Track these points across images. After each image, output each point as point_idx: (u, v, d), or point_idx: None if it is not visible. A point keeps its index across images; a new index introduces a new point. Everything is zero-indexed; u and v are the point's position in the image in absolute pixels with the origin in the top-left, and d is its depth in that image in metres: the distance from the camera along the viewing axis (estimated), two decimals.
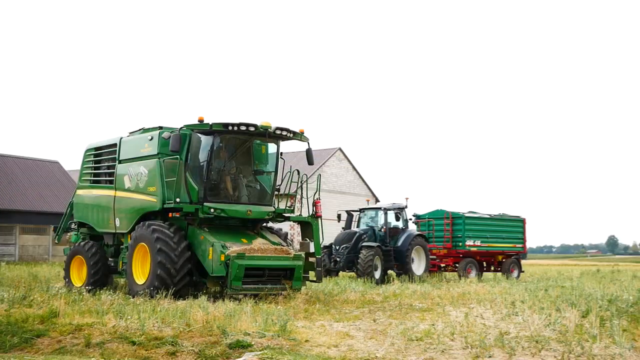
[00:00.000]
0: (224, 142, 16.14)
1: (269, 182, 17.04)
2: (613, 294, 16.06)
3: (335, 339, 10.13)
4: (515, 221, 32.70)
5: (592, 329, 10.52)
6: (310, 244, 16.80)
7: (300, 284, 16.02)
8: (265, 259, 15.27)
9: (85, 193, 19.17)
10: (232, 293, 14.88)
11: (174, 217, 15.79)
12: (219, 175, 16.15)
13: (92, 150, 19.32)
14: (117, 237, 17.93)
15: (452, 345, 9.58)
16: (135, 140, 17.42)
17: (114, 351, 9.25)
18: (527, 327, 11.04)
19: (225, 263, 14.67)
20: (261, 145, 17.00)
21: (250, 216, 16.25)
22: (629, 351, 8.77)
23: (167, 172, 15.98)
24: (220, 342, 9.27)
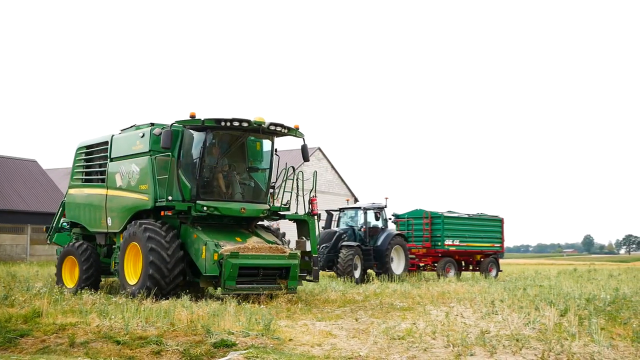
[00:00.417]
0: (217, 139, 15.85)
1: (263, 180, 16.75)
2: (590, 293, 16.30)
3: (318, 338, 10.22)
4: (494, 221, 32.97)
5: (571, 327, 10.68)
6: (306, 242, 16.48)
7: (296, 284, 15.64)
8: (260, 258, 14.96)
9: (77, 192, 18.85)
10: (226, 293, 14.60)
11: (166, 215, 15.56)
12: (211, 172, 15.86)
13: (84, 148, 19.02)
14: (110, 236, 17.66)
15: (434, 344, 9.71)
16: (126, 138, 17.12)
17: (99, 351, 9.27)
18: (507, 326, 11.22)
19: (219, 262, 14.37)
20: (255, 141, 16.65)
21: (244, 214, 15.88)
22: (607, 349, 8.93)
23: (159, 170, 15.70)
24: (205, 342, 9.33)
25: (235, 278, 14.46)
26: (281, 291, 15.24)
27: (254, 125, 15.36)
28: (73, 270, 17.98)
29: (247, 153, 16.57)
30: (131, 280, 15.30)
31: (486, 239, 31.95)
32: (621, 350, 9.10)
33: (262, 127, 15.47)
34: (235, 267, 14.37)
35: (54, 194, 51.42)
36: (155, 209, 15.71)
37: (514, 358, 8.69)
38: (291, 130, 16.10)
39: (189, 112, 15.20)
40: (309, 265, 16.26)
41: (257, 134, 16.11)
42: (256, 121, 15.33)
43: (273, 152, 16.64)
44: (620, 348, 9.26)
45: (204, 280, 15.06)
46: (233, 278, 14.40)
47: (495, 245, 32.38)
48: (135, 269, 15.33)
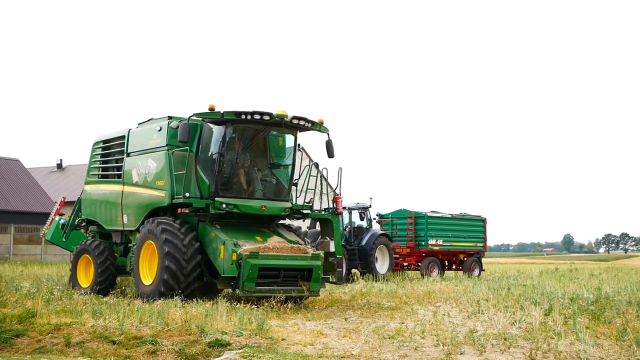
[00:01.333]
0: (237, 133, 15.10)
1: (285, 176, 15.99)
2: (574, 293, 16.59)
3: (310, 337, 10.41)
4: (476, 221, 33.28)
5: (556, 326, 10.95)
6: (330, 242, 15.61)
7: (319, 286, 14.77)
8: (281, 259, 14.17)
9: (93, 188, 18.32)
10: (245, 295, 13.99)
11: (184, 213, 15.00)
12: (231, 168, 15.12)
13: (100, 142, 18.46)
14: (126, 235, 17.14)
15: (424, 343, 9.93)
16: (143, 132, 16.52)
17: (95, 350, 9.38)
18: (493, 325, 11.46)
19: (237, 262, 13.68)
20: (278, 136, 15.87)
21: (265, 212, 15.17)
22: (593, 348, 9.18)
23: (176, 165, 15.09)
24: (200, 341, 9.47)
25: (255, 279, 13.73)
26: (303, 294, 14.66)
27: (276, 119, 14.66)
28: (88, 269, 17.52)
29: (269, 148, 15.86)
30: (146, 281, 14.80)
31: (469, 239, 32.26)
32: (606, 349, 9.36)
33: (284, 120, 14.79)
34: (255, 268, 13.66)
35: (37, 193, 51.26)
36: (172, 206, 15.17)
37: (502, 356, 8.91)
38: (315, 124, 15.42)
39: (208, 105, 14.55)
40: (332, 266, 15.55)
41: (279, 128, 15.32)
42: (278, 114, 14.65)
43: (296, 148, 15.91)
44: (605, 347, 9.51)
45: (221, 281, 14.41)
46: (252, 279, 13.68)
47: (478, 245, 32.70)
48: (151, 269, 14.82)
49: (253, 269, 13.60)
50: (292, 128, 15.38)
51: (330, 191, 16.05)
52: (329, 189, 15.98)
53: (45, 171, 70.15)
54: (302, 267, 14.51)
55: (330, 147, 15.85)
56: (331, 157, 15.94)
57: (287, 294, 14.27)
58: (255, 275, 13.68)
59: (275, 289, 14.09)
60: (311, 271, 14.53)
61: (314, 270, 14.53)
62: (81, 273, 17.74)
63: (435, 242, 30.58)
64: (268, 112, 14.50)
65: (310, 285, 14.54)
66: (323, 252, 15.04)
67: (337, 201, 15.95)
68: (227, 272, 13.89)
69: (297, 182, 16.11)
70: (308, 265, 14.51)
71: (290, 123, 14.89)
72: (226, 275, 13.96)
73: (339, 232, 15.82)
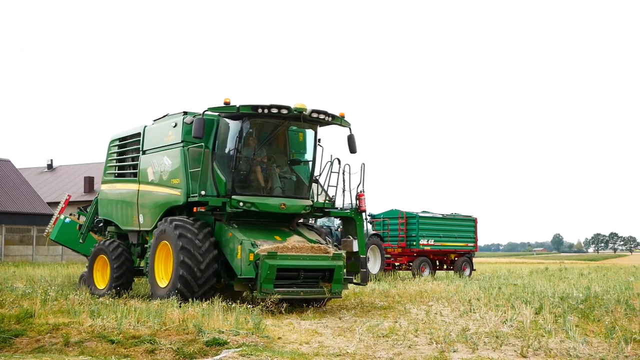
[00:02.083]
0: (255, 128, 14.55)
1: (306, 173, 15.35)
2: (564, 292, 16.83)
3: (305, 336, 10.60)
4: (467, 221, 33.49)
5: (547, 324, 11.16)
6: (353, 241, 15.10)
7: (341, 287, 14.14)
8: (301, 259, 13.60)
9: (109, 188, 18.02)
10: (263, 297, 13.23)
11: (199, 212, 14.52)
12: (249, 164, 14.60)
13: (116, 140, 18.14)
14: (142, 235, 16.77)
15: (418, 341, 10.13)
16: (159, 128, 16.13)
17: (94, 350, 9.50)
18: (485, 324, 11.70)
19: (255, 263, 13.16)
20: (297, 131, 15.31)
21: (284, 210, 14.59)
22: (582, 345, 9.40)
23: (191, 162, 14.61)
24: (197, 340, 9.60)
25: (273, 281, 13.18)
26: (324, 296, 14.11)
27: (295, 113, 14.15)
28: (104, 270, 17.20)
29: (288, 144, 15.34)
30: (161, 282, 14.40)
31: (460, 239, 32.47)
32: (595, 346, 9.58)
33: (303, 114, 14.25)
34: (273, 269, 13.11)
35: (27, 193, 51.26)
36: (188, 205, 14.71)
37: (495, 354, 9.11)
38: (336, 118, 14.88)
39: (223, 99, 14.07)
40: (355, 266, 15.05)
41: (298, 123, 14.77)
42: (297, 108, 14.11)
43: (316, 142, 15.23)
44: (595, 344, 9.73)
45: (238, 283, 13.78)
46: (270, 281, 13.13)
47: (469, 245, 32.91)
48: (166, 270, 14.39)
49: (271, 270, 13.10)
50: (312, 122, 14.86)
51: (353, 188, 15.42)
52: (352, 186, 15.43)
53: (36, 171, 70.15)
54: (323, 267, 13.89)
55: (352, 142, 15.36)
56: (353, 153, 15.42)
57: (307, 296, 13.90)
58: (274, 276, 13.17)
59: (295, 291, 13.60)
60: (333, 272, 13.92)
61: (336, 271, 13.92)
62: (97, 274, 17.48)
63: (427, 242, 30.77)
64: (286, 106, 14.04)
65: (332, 287, 13.93)
66: (345, 252, 14.55)
67: (361, 198, 15.37)
68: (245, 273, 13.42)
69: (318, 179, 15.57)
70: (329, 266, 13.90)
71: (310, 117, 14.43)
72: (243, 277, 13.47)
73: (362, 231, 15.33)
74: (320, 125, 15.08)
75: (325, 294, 13.96)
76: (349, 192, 15.41)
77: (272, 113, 14.06)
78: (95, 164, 68.00)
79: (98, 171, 65.08)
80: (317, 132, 15.16)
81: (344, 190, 15.41)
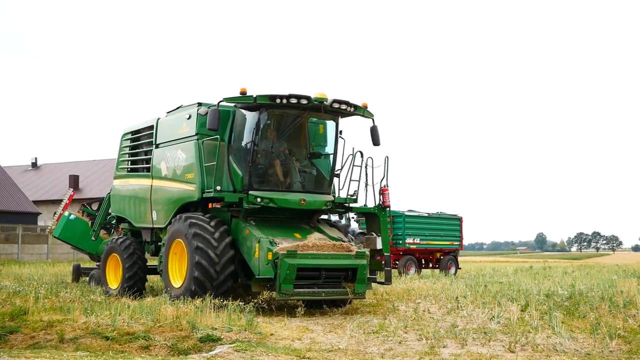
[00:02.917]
0: (273, 119, 13.88)
1: (326, 167, 14.66)
2: (549, 289, 17.12)
3: (297, 332, 10.78)
4: (453, 220, 33.75)
5: (533, 321, 11.42)
6: (377, 239, 14.28)
7: (364, 287, 13.44)
8: (322, 258, 12.90)
9: (122, 183, 17.47)
10: (282, 299, 12.81)
11: (215, 208, 13.89)
12: (267, 158, 13.95)
13: (129, 134, 17.56)
14: (156, 232, 16.18)
15: (407, 337, 10.34)
16: (172, 121, 15.52)
17: (89, 346, 9.61)
18: (472, 321, 11.95)
19: (274, 262, 12.48)
20: (318, 123, 14.69)
21: (304, 206, 13.90)
22: (568, 341, 9.65)
23: (206, 156, 13.98)
24: (191, 336, 9.73)
25: (293, 281, 12.51)
26: (347, 296, 13.41)
27: (315, 103, 13.43)
28: (117, 269, 16.60)
29: (308, 136, 14.61)
30: (176, 282, 13.86)
31: (446, 237, 32.71)
32: (581, 342, 9.82)
33: (324, 104, 13.53)
34: (293, 269, 12.42)
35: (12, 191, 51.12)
36: (203, 201, 14.10)
37: (484, 349, 9.32)
38: (358, 109, 14.14)
39: (240, 88, 13.35)
40: (379, 265, 14.39)
41: (319, 113, 14.03)
42: (317, 98, 13.40)
43: (338, 135, 14.52)
44: (580, 340, 9.98)
45: (256, 283, 13.04)
46: (290, 281, 12.46)
47: (455, 244, 33.17)
48: (181, 270, 13.81)
49: (291, 270, 12.41)
50: (333, 113, 14.13)
51: (376, 182, 14.69)
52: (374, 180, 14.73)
53: (20, 170, 69.88)
54: (345, 266, 13.21)
55: (375, 133, 14.63)
56: (376, 145, 14.70)
57: (328, 297, 13.30)
58: (294, 276, 12.49)
59: (316, 292, 12.94)
60: (356, 271, 13.21)
61: (359, 270, 13.21)
62: (110, 273, 16.96)
63: (413, 240, 31.01)
64: (306, 96, 13.33)
65: (355, 287, 13.22)
66: (369, 250, 13.80)
67: (384, 193, 14.61)
68: (263, 272, 12.77)
69: (340, 173, 14.86)
70: (352, 265, 13.20)
71: (331, 107, 13.71)
72: (261, 277, 12.81)
73: (386, 228, 14.56)
74: (342, 116, 14.43)
75: (348, 294, 13.27)
76: (371, 186, 14.75)
77: (291, 103, 13.37)
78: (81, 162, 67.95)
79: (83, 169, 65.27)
80: (339, 124, 14.47)
81: (367, 185, 14.78)
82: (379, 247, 14.25)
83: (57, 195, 60.42)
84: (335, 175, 14.76)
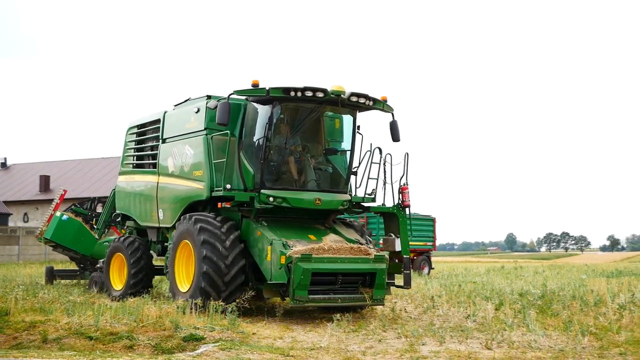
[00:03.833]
0: (287, 113, 13.14)
1: (343, 164, 13.90)
2: (522, 289, 17.51)
3: (278, 332, 10.98)
4: (426, 220, 34.07)
5: (507, 319, 11.74)
6: (395, 240, 13.48)
7: (383, 293, 12.73)
8: (338, 262, 12.19)
9: (127, 180, 16.76)
10: (296, 306, 12.07)
11: (225, 207, 13.22)
12: (280, 155, 13.17)
13: (135, 128, 16.85)
14: (162, 232, 15.55)
15: (387, 335, 10.61)
16: (180, 114, 14.80)
17: (72, 346, 9.68)
18: (449, 319, 12.29)
19: (287, 266, 11.75)
20: (334, 117, 13.97)
21: (319, 206, 13.10)
22: (542, 337, 9.99)
23: (216, 152, 13.27)
24: (175, 336, 9.85)
25: (307, 287, 11.80)
26: (365, 303, 12.69)
27: (332, 96, 12.65)
28: (122, 270, 15.92)
29: (324, 131, 13.87)
30: (182, 287, 13.16)
31: (419, 238, 32.96)
32: (554, 339, 10.18)
33: (341, 98, 12.76)
34: (307, 273, 11.70)
35: None
36: (212, 200, 13.38)
37: (462, 346, 9.60)
38: (377, 102, 13.33)
39: (251, 80, 12.64)
40: (398, 268, 13.43)
41: (336, 108, 13.27)
42: (334, 91, 12.63)
43: (355, 130, 13.76)
44: (554, 337, 10.34)
45: (268, 289, 12.45)
46: (304, 287, 11.73)
47: (428, 244, 33.50)
48: (188, 273, 13.15)
49: (305, 275, 11.70)
50: (351, 107, 13.41)
51: (395, 180, 13.84)
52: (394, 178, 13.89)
53: None
54: (363, 271, 12.51)
55: (395, 129, 13.81)
56: (396, 141, 13.88)
57: (345, 304, 12.50)
58: (308, 281, 11.77)
59: (332, 298, 12.26)
60: (374, 276, 12.51)
61: (378, 275, 12.50)
62: (114, 274, 16.26)
63: None
64: (322, 88, 12.55)
65: (374, 293, 12.51)
66: (387, 253, 13.26)
67: (404, 192, 13.70)
68: (275, 277, 12.02)
69: (357, 171, 14.05)
70: (371, 269, 12.49)
71: (349, 101, 12.95)
72: (274, 282, 12.14)
73: (405, 229, 13.70)
74: (360, 110, 13.61)
75: (366, 300, 12.55)
76: (390, 185, 13.85)
77: (306, 97, 12.56)
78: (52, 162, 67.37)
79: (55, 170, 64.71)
80: (356, 118, 13.69)
81: (385, 183, 13.87)
82: (398, 249, 13.43)
83: (27, 196, 59.99)
84: (353, 173, 13.99)
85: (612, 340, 9.96)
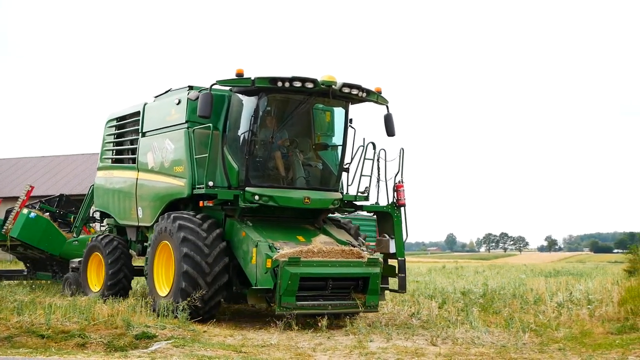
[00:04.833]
0: (274, 105, 12.35)
1: (334, 160, 13.05)
2: (464, 288, 18.03)
3: (228, 330, 11.20)
4: (369, 221, 34.35)
5: (451, 317, 12.20)
6: (390, 241, 12.67)
7: (377, 299, 11.93)
8: (329, 265, 11.45)
9: (105, 175, 15.85)
10: (283, 313, 11.12)
11: (207, 206, 12.31)
12: (266, 150, 12.40)
13: (114, 120, 15.92)
14: (142, 231, 14.70)
15: (335, 333, 10.94)
16: (160, 106, 13.95)
17: (24, 344, 9.66)
18: (394, 317, 12.67)
19: (273, 271, 11.00)
20: (324, 110, 13.13)
21: (308, 205, 12.29)
22: (485, 334, 10.43)
23: (197, 147, 12.38)
24: (127, 334, 9.92)
25: (295, 293, 11.08)
26: (357, 310, 11.90)
27: (322, 87, 11.83)
28: (100, 270, 15.11)
29: (314, 125, 13.06)
30: (161, 290, 12.40)
31: None
32: (496, 335, 10.65)
33: (332, 89, 11.92)
34: (295, 278, 10.99)
35: None
36: (194, 198, 12.55)
37: (408, 343, 9.96)
38: (371, 94, 12.51)
39: (236, 70, 11.81)
40: (392, 271, 12.76)
41: (326, 99, 12.40)
42: (325, 81, 11.82)
43: (347, 124, 12.96)
44: (496, 333, 10.82)
45: (253, 294, 11.52)
46: (292, 293, 11.02)
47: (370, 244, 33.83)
48: (168, 276, 12.35)
49: (293, 280, 10.98)
50: (342, 99, 12.56)
51: (390, 177, 13.06)
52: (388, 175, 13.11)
53: None
54: (355, 275, 11.78)
55: (389, 122, 13.06)
56: (391, 135, 13.17)
57: (336, 311, 11.74)
58: (296, 287, 11.06)
59: (322, 305, 11.44)
60: (367, 281, 11.75)
61: (371, 280, 11.73)
62: (92, 274, 15.43)
63: None
64: (312, 79, 11.77)
65: (367, 299, 11.73)
66: (381, 255, 12.46)
67: (399, 190, 12.91)
68: (261, 282, 11.27)
69: (349, 167, 13.29)
70: (363, 274, 11.75)
71: (340, 92, 12.09)
72: (259, 287, 11.34)
73: (400, 229, 12.86)
74: (352, 102, 12.79)
75: (358, 307, 11.76)
76: (384, 182, 13.06)
77: (294, 87, 11.77)
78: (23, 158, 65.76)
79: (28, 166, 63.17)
80: (349, 111, 12.86)
81: (379, 181, 13.09)
82: (392, 251, 12.67)
83: None
84: (344, 170, 13.18)
85: (551, 336, 10.48)
